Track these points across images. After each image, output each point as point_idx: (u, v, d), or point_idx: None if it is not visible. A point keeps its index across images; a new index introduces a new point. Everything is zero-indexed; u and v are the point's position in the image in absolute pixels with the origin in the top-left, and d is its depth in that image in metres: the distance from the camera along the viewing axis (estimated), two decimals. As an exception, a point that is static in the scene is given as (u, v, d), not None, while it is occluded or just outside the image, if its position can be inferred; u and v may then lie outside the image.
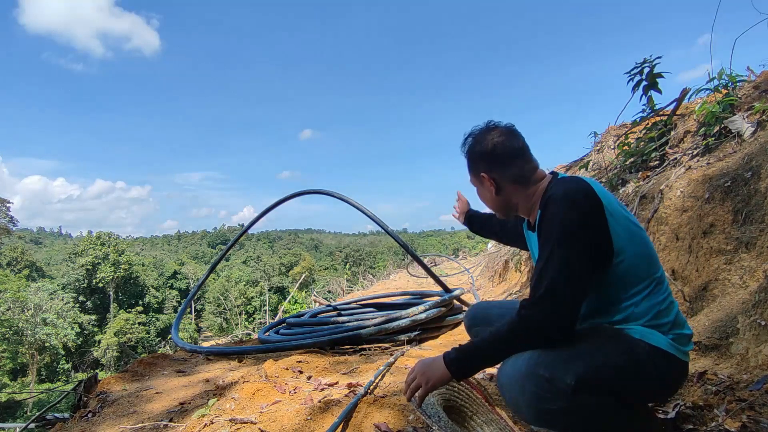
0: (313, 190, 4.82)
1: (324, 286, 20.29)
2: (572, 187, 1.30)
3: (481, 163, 1.47)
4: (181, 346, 4.06)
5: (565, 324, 1.21)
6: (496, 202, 1.51)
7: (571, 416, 1.19)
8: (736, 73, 3.71)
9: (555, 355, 1.20)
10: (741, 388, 1.70)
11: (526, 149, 1.46)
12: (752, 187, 2.54)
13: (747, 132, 3.07)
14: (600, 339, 1.26)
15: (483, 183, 1.50)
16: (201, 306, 53.91)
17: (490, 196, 1.51)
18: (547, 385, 1.17)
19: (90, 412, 2.62)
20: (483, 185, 1.51)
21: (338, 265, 68.23)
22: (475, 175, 1.51)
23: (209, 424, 1.92)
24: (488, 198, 1.52)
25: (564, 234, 1.24)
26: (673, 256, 3.01)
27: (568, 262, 1.21)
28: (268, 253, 75.81)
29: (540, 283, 1.22)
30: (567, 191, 1.29)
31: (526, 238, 1.64)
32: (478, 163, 1.48)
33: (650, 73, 4.06)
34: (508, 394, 1.27)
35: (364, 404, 1.92)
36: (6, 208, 37.34)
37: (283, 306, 16.70)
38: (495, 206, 1.54)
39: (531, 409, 1.21)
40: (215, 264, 5.65)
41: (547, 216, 1.30)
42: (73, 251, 48.20)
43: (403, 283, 10.79)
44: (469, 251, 20.88)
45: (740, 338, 1.96)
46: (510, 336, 1.26)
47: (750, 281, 2.29)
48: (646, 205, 3.48)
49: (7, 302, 33.26)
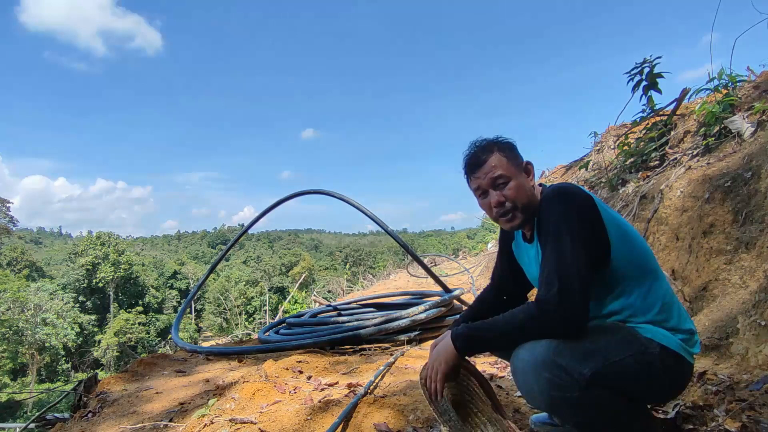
0: (313, 190, 4.82)
1: (324, 286, 20.30)
2: (563, 186, 1.37)
3: (519, 154, 1.46)
4: (181, 346, 4.06)
5: (583, 318, 1.24)
6: (532, 193, 1.43)
7: (581, 407, 1.21)
8: (736, 73, 3.71)
9: (573, 346, 1.22)
10: (741, 388, 1.70)
11: None
12: (752, 187, 2.54)
13: (747, 132, 3.07)
14: (616, 336, 1.28)
15: (529, 172, 1.45)
16: (201, 306, 53.89)
17: (530, 186, 1.43)
18: (563, 374, 1.19)
19: (90, 412, 2.62)
20: (528, 174, 1.45)
21: (338, 265, 68.25)
22: (516, 164, 1.43)
23: (209, 424, 1.92)
24: (528, 189, 1.42)
25: (566, 226, 1.27)
26: (673, 256, 3.01)
27: (575, 255, 1.24)
28: (268, 253, 75.82)
29: (552, 278, 1.24)
30: (559, 190, 1.35)
31: (518, 254, 1.63)
32: (518, 153, 1.45)
33: (650, 73, 4.06)
34: (523, 379, 1.28)
35: (364, 404, 1.93)
36: (6, 208, 37.37)
37: (283, 306, 16.71)
38: (530, 199, 1.42)
39: (544, 395, 1.23)
40: (215, 264, 5.65)
41: (545, 216, 1.34)
42: (73, 251, 48.19)
43: (403, 283, 10.79)
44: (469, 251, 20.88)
45: (740, 338, 1.96)
46: (526, 324, 1.27)
47: (750, 281, 2.29)
48: (646, 205, 3.48)
49: (7, 302, 33.24)
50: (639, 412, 1.32)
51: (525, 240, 1.55)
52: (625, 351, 1.24)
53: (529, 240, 1.52)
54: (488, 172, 1.40)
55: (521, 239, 1.58)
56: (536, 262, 1.44)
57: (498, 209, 1.42)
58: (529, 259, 1.55)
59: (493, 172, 1.40)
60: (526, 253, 1.56)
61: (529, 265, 1.56)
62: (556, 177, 8.69)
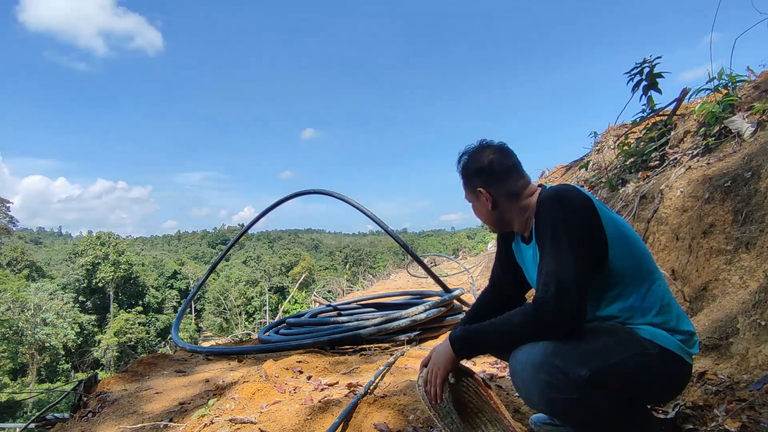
0: (313, 190, 4.82)
1: (324, 286, 20.30)
2: (561, 188, 1.38)
3: (478, 179, 1.52)
4: (181, 346, 4.06)
5: (580, 320, 1.24)
6: (492, 216, 1.55)
7: (579, 409, 1.21)
8: (736, 73, 3.72)
9: (571, 347, 1.23)
10: (741, 388, 1.70)
11: (518, 165, 1.53)
12: (752, 187, 2.54)
13: (747, 132, 3.07)
14: (614, 338, 1.28)
15: (479, 198, 1.54)
16: (201, 306, 53.89)
17: (486, 211, 1.55)
18: (561, 375, 1.20)
19: (90, 412, 2.62)
20: (479, 200, 1.54)
21: (338, 265, 68.26)
22: (471, 191, 1.56)
23: (209, 424, 1.92)
24: (484, 213, 1.56)
25: (564, 228, 1.27)
26: (673, 256, 3.01)
27: (573, 257, 1.24)
28: (268, 253, 75.83)
29: (550, 279, 1.24)
30: (557, 192, 1.36)
31: (517, 253, 1.65)
32: (475, 179, 1.53)
33: (650, 73, 4.06)
34: (521, 380, 1.29)
35: (364, 404, 1.93)
36: (6, 208, 37.35)
37: (283, 306, 16.71)
38: (491, 220, 1.57)
39: (542, 397, 1.24)
40: (215, 264, 5.66)
41: (543, 218, 1.34)
42: (73, 251, 48.19)
43: (403, 283, 10.79)
44: (469, 251, 20.89)
45: (740, 338, 1.96)
46: (523, 326, 1.28)
47: (750, 281, 2.29)
48: (646, 205, 3.49)
49: (7, 302, 33.24)
50: (638, 413, 1.32)
51: (523, 241, 1.56)
52: (623, 352, 1.24)
53: (527, 241, 1.53)
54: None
55: (520, 239, 1.59)
56: (534, 263, 1.44)
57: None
58: (527, 259, 1.55)
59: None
60: (525, 254, 1.57)
61: (528, 266, 1.57)
62: (556, 177, 8.69)
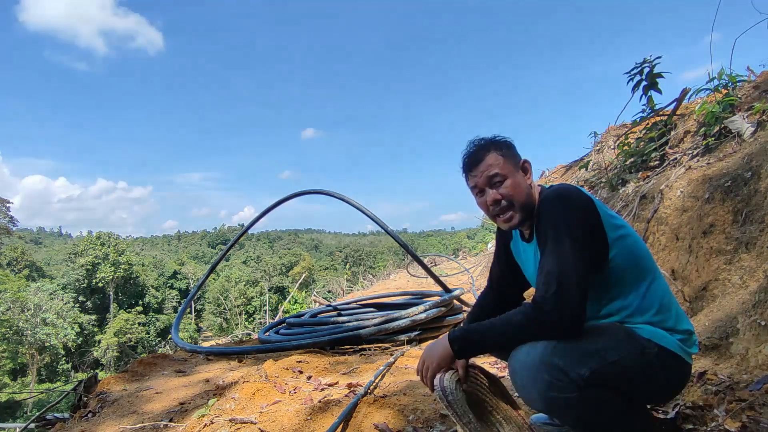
0: (313, 190, 4.82)
1: (324, 286, 20.30)
2: (563, 188, 1.37)
3: (517, 153, 1.46)
4: (181, 346, 4.06)
5: (581, 319, 1.24)
6: (530, 192, 1.43)
7: (579, 408, 1.21)
8: (736, 73, 3.72)
9: (571, 347, 1.23)
10: (741, 388, 1.70)
11: None
12: (752, 187, 2.54)
13: (747, 132, 3.07)
14: (614, 337, 1.28)
15: (527, 170, 1.46)
16: (201, 306, 53.88)
17: (527, 185, 1.43)
18: (561, 375, 1.20)
19: (90, 412, 2.62)
20: (525, 173, 1.45)
21: (338, 265, 68.24)
22: (514, 163, 1.43)
23: (209, 424, 1.92)
24: (525, 187, 1.42)
25: (565, 228, 1.27)
26: (673, 256, 3.00)
27: (574, 257, 1.24)
28: (268, 253, 75.81)
29: (551, 279, 1.24)
30: (559, 192, 1.35)
31: (516, 252, 1.63)
32: (516, 152, 1.45)
33: (650, 73, 4.06)
34: (520, 380, 1.29)
35: (364, 404, 1.93)
36: (6, 208, 37.32)
37: (283, 306, 16.69)
38: (527, 197, 1.42)
39: (542, 396, 1.23)
40: (215, 264, 5.66)
41: (544, 218, 1.34)
42: (73, 251, 48.16)
43: (403, 283, 10.79)
44: (469, 251, 20.87)
45: (740, 338, 1.95)
46: (524, 326, 1.27)
47: (750, 281, 2.29)
48: (646, 205, 3.49)
49: (7, 302, 33.23)
50: (637, 413, 1.32)
51: (523, 239, 1.55)
52: (623, 351, 1.24)
53: (527, 239, 1.52)
54: (484, 171, 1.41)
55: (519, 238, 1.58)
56: (534, 262, 1.44)
57: (494, 207, 1.42)
58: (527, 258, 1.54)
59: (489, 171, 1.40)
60: (525, 252, 1.56)
61: (527, 265, 1.56)
62: (556, 177, 8.69)
